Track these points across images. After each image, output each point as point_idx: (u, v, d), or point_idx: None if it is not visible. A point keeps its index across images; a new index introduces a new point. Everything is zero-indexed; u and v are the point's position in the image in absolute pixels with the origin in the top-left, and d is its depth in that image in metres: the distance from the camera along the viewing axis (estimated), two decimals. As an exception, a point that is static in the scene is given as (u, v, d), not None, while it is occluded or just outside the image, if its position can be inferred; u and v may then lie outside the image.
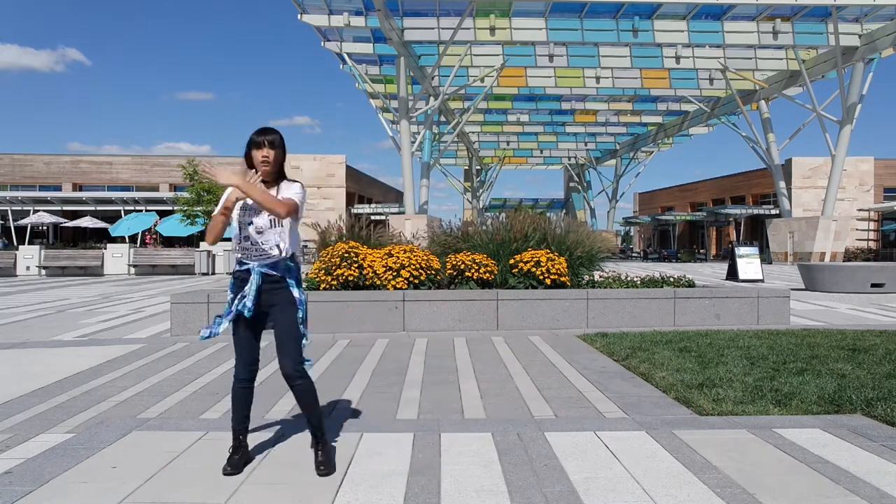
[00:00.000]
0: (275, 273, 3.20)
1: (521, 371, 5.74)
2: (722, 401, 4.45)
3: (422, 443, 3.60)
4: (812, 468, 3.20)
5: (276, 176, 3.24)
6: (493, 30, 25.71)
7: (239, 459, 3.19)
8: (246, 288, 3.17)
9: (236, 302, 3.17)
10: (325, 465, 3.14)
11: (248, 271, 3.20)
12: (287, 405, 4.60)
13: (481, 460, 3.32)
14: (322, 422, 3.28)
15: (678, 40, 26.72)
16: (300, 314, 3.22)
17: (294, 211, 3.17)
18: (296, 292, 3.23)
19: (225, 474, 3.09)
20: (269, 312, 3.21)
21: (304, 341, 3.24)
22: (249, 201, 3.16)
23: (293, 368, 3.15)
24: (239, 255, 3.25)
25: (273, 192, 3.21)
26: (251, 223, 3.19)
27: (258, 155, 3.18)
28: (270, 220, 3.18)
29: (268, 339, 3.27)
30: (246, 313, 3.13)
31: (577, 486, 2.98)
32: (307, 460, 3.26)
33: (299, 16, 25.05)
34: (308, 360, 3.24)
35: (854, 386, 4.78)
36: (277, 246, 3.20)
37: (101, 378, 5.49)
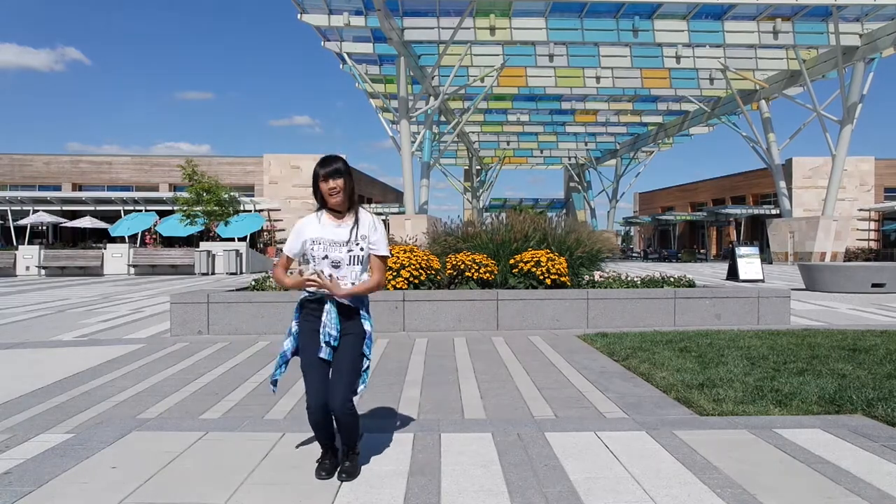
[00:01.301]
0: (348, 304, 3.13)
1: (521, 371, 5.74)
2: (722, 401, 4.45)
3: (422, 443, 3.59)
4: (812, 468, 3.19)
5: (350, 203, 3.17)
6: (493, 30, 25.68)
7: (331, 464, 3.12)
8: (324, 318, 3.07)
9: (321, 335, 3.06)
10: (351, 473, 3.08)
11: (321, 300, 3.11)
12: (287, 405, 4.60)
13: (481, 460, 3.31)
14: (358, 443, 3.19)
15: (678, 40, 26.70)
16: (365, 349, 3.15)
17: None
18: (367, 325, 3.16)
19: (319, 478, 3.06)
20: (339, 342, 3.10)
21: (361, 384, 3.15)
22: (326, 236, 3.11)
23: (342, 406, 3.01)
24: (310, 288, 3.14)
25: (350, 221, 3.16)
26: (326, 257, 3.11)
27: (325, 187, 3.11)
28: (350, 257, 3.11)
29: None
30: (333, 342, 3.06)
31: (577, 486, 2.98)
32: (307, 461, 3.26)
33: (299, 15, 25.03)
34: (363, 382, 3.17)
35: (854, 386, 4.77)
36: (352, 284, 3.13)
37: (100, 378, 5.49)
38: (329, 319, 3.07)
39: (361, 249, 3.13)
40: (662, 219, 52.88)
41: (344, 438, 3.13)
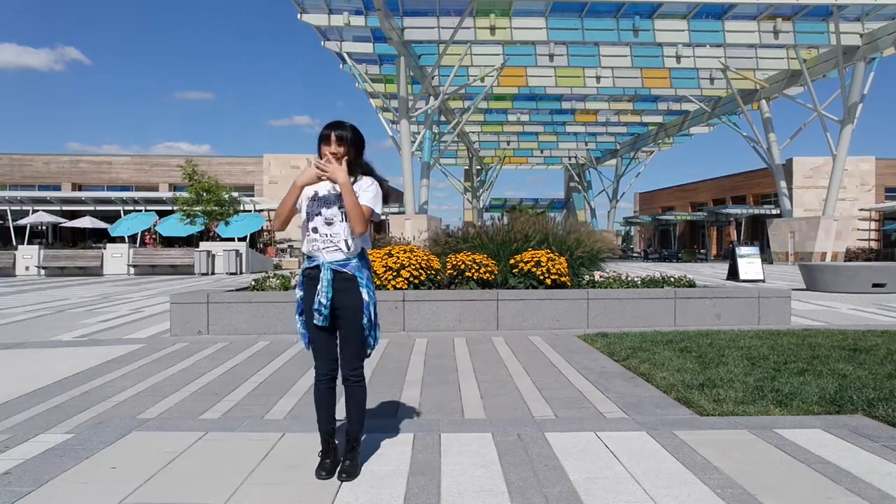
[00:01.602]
0: (346, 271, 3.13)
1: (521, 371, 5.73)
2: (723, 401, 4.44)
3: (422, 443, 3.59)
4: (813, 468, 3.19)
5: (350, 171, 3.14)
6: (493, 29, 25.68)
7: (331, 464, 3.13)
8: (318, 286, 3.10)
9: (314, 303, 3.11)
10: (351, 473, 3.09)
11: (318, 268, 3.14)
12: (287, 405, 4.60)
13: (481, 460, 3.31)
14: (361, 431, 3.23)
15: (679, 40, 26.70)
16: (365, 319, 3.16)
17: (369, 221, 3.15)
18: (365, 294, 3.16)
19: (319, 478, 3.06)
20: (338, 314, 3.13)
21: (370, 346, 3.22)
22: (321, 192, 3.12)
23: (350, 372, 3.17)
24: (307, 250, 3.18)
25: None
26: (319, 213, 3.12)
27: (326, 151, 3.09)
28: (342, 213, 3.10)
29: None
30: (323, 310, 3.08)
31: (577, 486, 2.97)
32: (307, 461, 3.26)
33: (299, 15, 25.02)
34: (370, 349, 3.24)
35: (855, 386, 4.77)
36: (346, 242, 3.12)
37: (100, 378, 5.49)
38: (322, 287, 3.10)
39: None
40: (662, 219, 52.86)
41: (351, 418, 3.17)
